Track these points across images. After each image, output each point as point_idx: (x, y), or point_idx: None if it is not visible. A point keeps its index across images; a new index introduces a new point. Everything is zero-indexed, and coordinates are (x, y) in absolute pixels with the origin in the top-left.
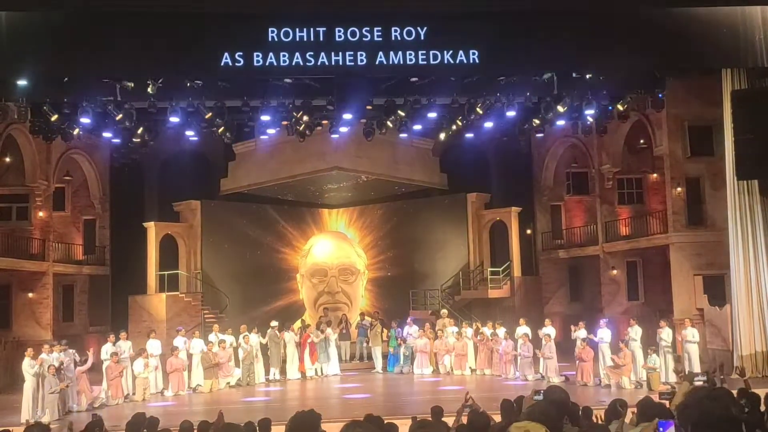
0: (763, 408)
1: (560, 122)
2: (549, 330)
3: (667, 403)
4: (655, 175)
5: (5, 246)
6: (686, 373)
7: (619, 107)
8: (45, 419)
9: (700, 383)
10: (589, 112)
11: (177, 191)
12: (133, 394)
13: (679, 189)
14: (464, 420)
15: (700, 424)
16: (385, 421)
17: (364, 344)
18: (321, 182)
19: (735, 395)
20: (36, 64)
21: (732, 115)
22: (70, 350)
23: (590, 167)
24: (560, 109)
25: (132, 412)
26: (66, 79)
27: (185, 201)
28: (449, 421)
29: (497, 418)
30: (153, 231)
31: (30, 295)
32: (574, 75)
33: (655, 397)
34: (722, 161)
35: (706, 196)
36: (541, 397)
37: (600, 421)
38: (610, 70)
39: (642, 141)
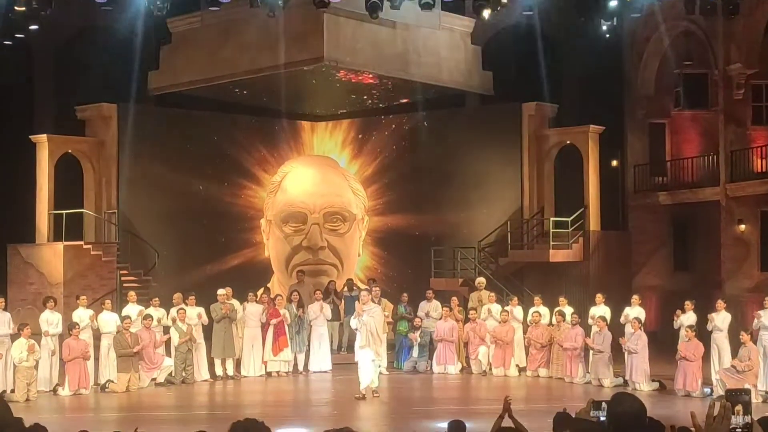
0: None
1: None
2: (637, 312)
3: None
4: None
5: None
6: None
7: None
8: None
9: None
10: None
11: (82, 89)
12: (12, 391)
13: None
14: None
15: None
16: None
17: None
18: (301, 81)
19: None
20: None
21: None
22: None
23: (712, 67)
24: None
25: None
26: None
27: (94, 104)
28: None
29: None
30: (45, 148)
31: None
32: None
33: None
34: None
35: None
36: (602, 413)
37: None
38: None
39: None
